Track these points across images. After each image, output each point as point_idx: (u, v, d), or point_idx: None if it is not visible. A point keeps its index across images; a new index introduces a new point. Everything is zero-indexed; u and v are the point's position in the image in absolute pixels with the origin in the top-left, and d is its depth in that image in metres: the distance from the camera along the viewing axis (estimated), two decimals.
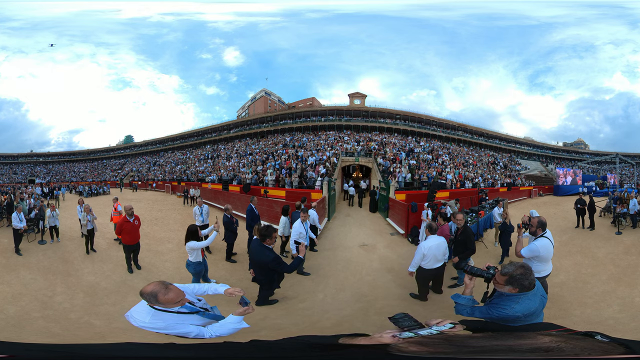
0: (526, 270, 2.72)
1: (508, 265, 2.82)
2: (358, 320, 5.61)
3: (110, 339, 4.65)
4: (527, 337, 1.54)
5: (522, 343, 1.48)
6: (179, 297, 2.57)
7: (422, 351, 1.53)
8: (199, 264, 6.55)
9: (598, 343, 1.51)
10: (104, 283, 7.21)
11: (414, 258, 6.08)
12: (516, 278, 2.70)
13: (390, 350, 1.60)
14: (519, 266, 2.76)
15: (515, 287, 2.71)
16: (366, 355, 1.68)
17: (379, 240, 11.39)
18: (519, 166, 40.59)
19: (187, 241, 6.34)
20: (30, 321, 5.55)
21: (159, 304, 2.52)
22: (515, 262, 2.85)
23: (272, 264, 4.86)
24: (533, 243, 5.22)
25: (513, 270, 2.73)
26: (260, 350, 1.95)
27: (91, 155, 58.21)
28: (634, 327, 5.22)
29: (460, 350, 1.50)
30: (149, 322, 2.54)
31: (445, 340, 1.64)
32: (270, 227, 5.05)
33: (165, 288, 2.52)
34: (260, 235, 4.98)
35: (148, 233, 10.84)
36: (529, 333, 1.63)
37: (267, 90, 50.64)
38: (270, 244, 4.93)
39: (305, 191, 18.51)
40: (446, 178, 24.04)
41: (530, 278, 2.69)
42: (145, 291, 2.51)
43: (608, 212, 14.96)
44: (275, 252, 5.06)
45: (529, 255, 5.12)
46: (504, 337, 1.58)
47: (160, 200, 23.80)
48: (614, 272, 7.84)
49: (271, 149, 33.71)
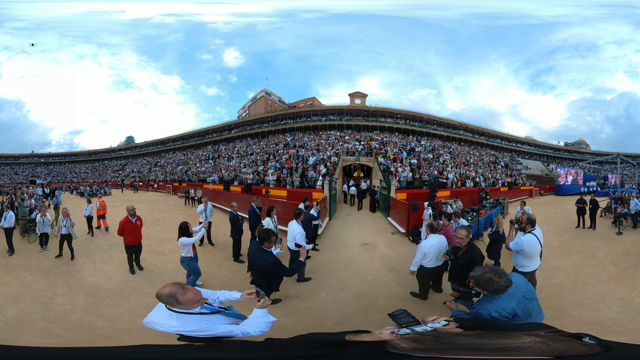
0: (493, 276, 2.75)
1: (477, 268, 2.89)
2: (360, 318, 5.64)
3: (115, 341, 4.68)
4: (511, 337, 1.57)
5: (500, 342, 1.51)
6: (197, 297, 2.50)
7: (412, 347, 1.57)
8: (191, 259, 6.83)
9: (580, 345, 1.52)
10: (106, 284, 7.23)
11: (415, 257, 6.13)
12: (481, 282, 2.78)
13: (387, 347, 1.64)
14: (487, 271, 2.81)
15: (482, 290, 2.80)
16: (368, 352, 1.72)
17: (380, 239, 11.40)
18: (520, 165, 40.56)
19: (179, 237, 6.64)
20: (31, 322, 5.56)
21: (179, 305, 2.43)
22: (485, 267, 2.91)
23: (271, 267, 4.79)
24: (519, 237, 5.48)
25: (480, 274, 2.80)
26: (276, 348, 1.99)
27: (92, 156, 58.35)
28: (632, 328, 5.19)
29: (445, 347, 1.54)
30: (180, 325, 2.45)
31: (434, 337, 1.68)
32: (269, 230, 4.97)
33: (182, 288, 2.44)
34: (259, 238, 4.92)
35: (150, 234, 10.88)
36: (515, 333, 1.66)
37: (268, 90, 50.73)
38: (268, 247, 4.87)
39: (306, 191, 18.54)
40: (447, 177, 24.05)
41: (497, 284, 2.72)
42: (163, 293, 2.42)
43: (609, 212, 14.97)
44: (275, 256, 5.00)
45: (514, 248, 5.35)
46: (488, 336, 1.62)
47: (162, 201, 23.86)
48: (614, 272, 7.81)
49: (272, 148, 33.75)
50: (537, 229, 5.44)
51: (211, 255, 9.30)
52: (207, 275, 7.60)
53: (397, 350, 1.59)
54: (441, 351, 1.51)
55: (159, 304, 2.54)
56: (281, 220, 11.19)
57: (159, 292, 2.43)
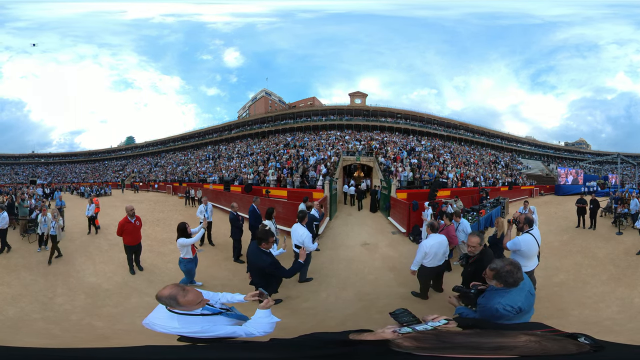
0: (513, 268, 2.83)
1: (498, 260, 2.95)
2: (361, 318, 5.64)
3: (114, 341, 4.67)
4: (508, 336, 1.58)
5: (496, 341, 1.52)
6: (198, 298, 2.48)
7: (414, 346, 1.58)
8: (189, 261, 6.78)
9: (571, 344, 1.53)
10: (106, 284, 7.22)
11: (416, 256, 6.13)
12: (502, 274, 2.82)
13: (391, 346, 1.65)
14: (507, 263, 2.87)
15: (500, 283, 2.85)
16: (375, 351, 1.73)
17: (381, 239, 11.41)
18: (521, 165, 40.56)
19: (177, 238, 6.61)
20: (30, 322, 5.56)
21: (179, 306, 2.40)
22: (506, 259, 2.98)
23: (269, 268, 4.75)
24: (517, 237, 5.51)
25: (502, 266, 2.84)
26: (282, 348, 2.00)
27: (92, 156, 58.40)
28: (630, 328, 5.19)
29: (445, 345, 1.55)
30: (181, 326, 2.41)
31: (435, 336, 1.69)
32: (268, 230, 4.94)
33: (182, 290, 2.42)
34: (257, 238, 4.88)
35: (150, 234, 10.89)
36: (512, 332, 1.67)
37: (268, 90, 50.75)
38: (267, 248, 4.82)
39: (307, 191, 18.51)
40: (447, 177, 24.03)
41: (516, 276, 2.81)
42: (163, 294, 2.39)
43: (609, 212, 14.96)
44: (273, 257, 4.93)
45: (511, 248, 5.37)
46: (487, 335, 1.63)
47: (162, 201, 23.87)
48: (614, 272, 7.82)
49: (272, 148, 33.72)
50: (534, 229, 5.46)
51: (211, 256, 9.30)
52: (208, 276, 7.60)
53: (401, 349, 1.60)
54: (441, 350, 1.53)
55: (159, 305, 2.51)
56: (282, 220, 11.21)
57: (158, 293, 2.41)
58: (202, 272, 7.43)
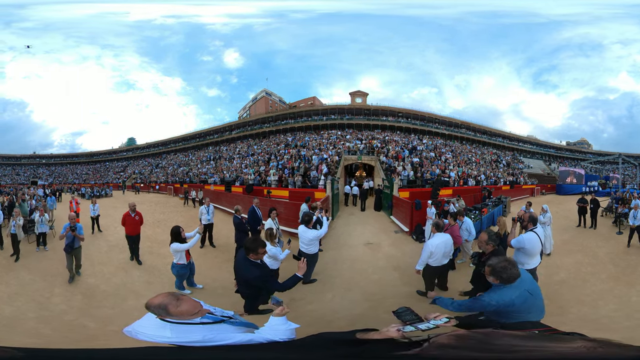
0: (508, 264, 2.97)
1: (494, 258, 3.12)
2: (370, 319, 5.60)
3: (103, 341, 4.65)
4: (564, 340, 1.56)
5: (551, 345, 1.50)
6: (195, 309, 2.21)
7: (454, 345, 1.51)
8: (183, 267, 6.60)
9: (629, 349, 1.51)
10: (104, 286, 7.21)
11: (421, 256, 6.13)
12: (497, 270, 2.99)
13: (429, 344, 1.61)
14: (502, 259, 3.05)
15: (496, 278, 3.00)
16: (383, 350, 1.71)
17: (384, 238, 11.37)
18: (522, 164, 40.46)
19: (170, 243, 6.45)
20: (24, 322, 5.55)
21: (170, 316, 2.13)
22: (501, 257, 3.17)
23: (256, 281, 4.30)
24: (521, 235, 5.54)
25: (496, 263, 3.02)
26: (292, 349, 1.98)
27: (94, 157, 58.42)
28: (626, 325, 5.25)
29: (485, 347, 1.47)
30: (175, 336, 2.10)
31: (483, 335, 1.58)
32: (257, 239, 4.41)
33: (176, 299, 2.16)
34: (245, 248, 4.35)
35: (150, 236, 10.83)
36: (568, 337, 1.65)
37: (268, 90, 50.68)
38: (255, 259, 4.32)
39: (308, 190, 18.49)
40: (449, 176, 23.99)
41: (510, 272, 2.94)
42: (152, 303, 2.15)
43: (610, 212, 14.92)
44: (263, 268, 4.46)
45: (515, 246, 5.41)
46: (536, 339, 1.62)
47: (163, 202, 23.86)
48: (614, 271, 7.87)
49: (273, 149, 33.70)
50: (538, 227, 5.50)
51: (212, 257, 9.27)
52: (209, 278, 7.59)
53: (437, 347, 1.54)
54: (480, 351, 1.45)
55: (147, 313, 2.26)
56: (283, 221, 11.14)
57: (148, 301, 2.19)
58: (203, 274, 7.42)
